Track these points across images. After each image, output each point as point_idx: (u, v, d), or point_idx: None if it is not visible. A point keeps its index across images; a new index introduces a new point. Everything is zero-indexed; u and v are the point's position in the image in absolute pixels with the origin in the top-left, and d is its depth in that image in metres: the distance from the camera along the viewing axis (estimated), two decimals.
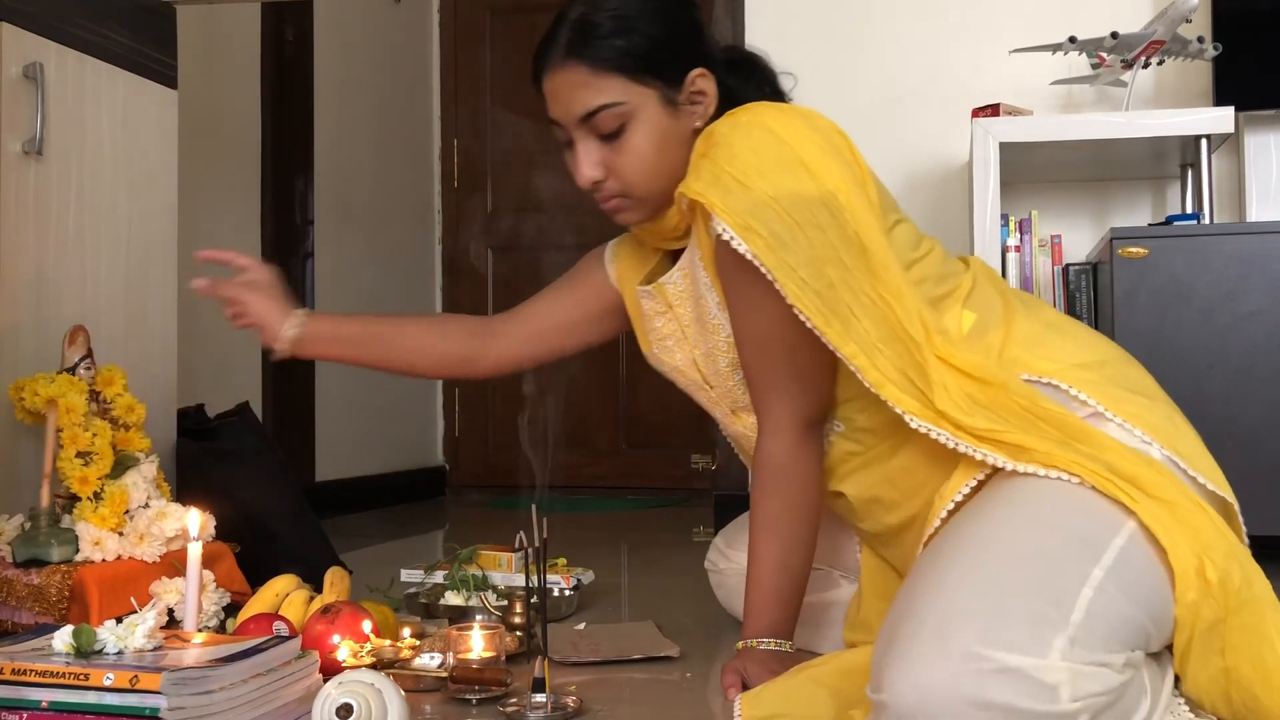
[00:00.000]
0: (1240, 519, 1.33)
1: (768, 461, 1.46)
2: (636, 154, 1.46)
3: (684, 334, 1.59)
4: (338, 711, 1.23)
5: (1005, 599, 1.10)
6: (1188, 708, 1.22)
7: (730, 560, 1.86)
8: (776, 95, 1.57)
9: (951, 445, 1.29)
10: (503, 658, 1.56)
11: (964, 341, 1.37)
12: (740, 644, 1.50)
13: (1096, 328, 2.59)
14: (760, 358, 1.43)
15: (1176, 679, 1.23)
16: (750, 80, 1.55)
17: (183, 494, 2.04)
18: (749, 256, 1.34)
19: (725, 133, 1.39)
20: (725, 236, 1.35)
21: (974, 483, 1.30)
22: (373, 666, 1.49)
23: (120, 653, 1.23)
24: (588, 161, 1.49)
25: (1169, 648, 1.23)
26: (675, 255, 1.60)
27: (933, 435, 1.31)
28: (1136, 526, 1.19)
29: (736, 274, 1.39)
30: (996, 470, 1.28)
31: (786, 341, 1.39)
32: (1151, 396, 1.37)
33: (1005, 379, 1.30)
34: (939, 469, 1.36)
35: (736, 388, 1.54)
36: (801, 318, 1.33)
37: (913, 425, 1.32)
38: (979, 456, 1.28)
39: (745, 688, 1.43)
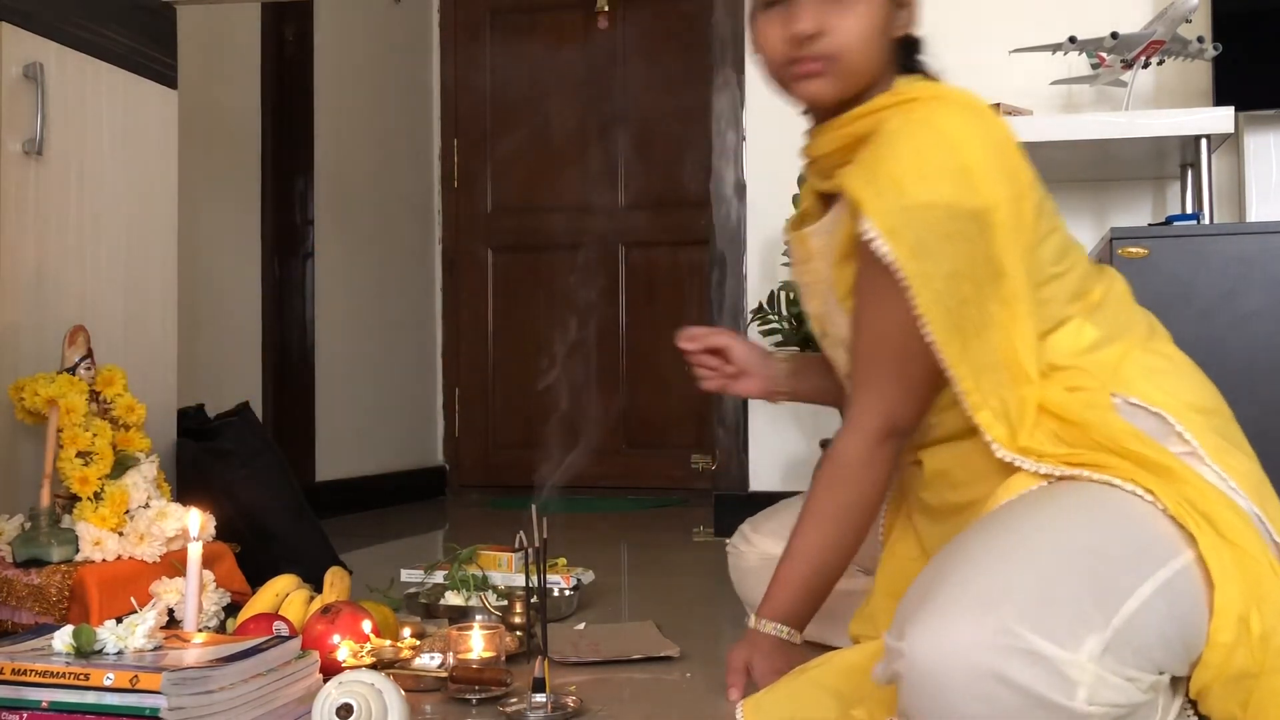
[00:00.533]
0: None
1: (839, 457, 1.44)
2: (860, 18, 1.41)
3: (815, 287, 1.57)
4: (338, 711, 1.23)
5: (1053, 586, 1.11)
6: None
7: (753, 545, 1.83)
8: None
9: (1032, 469, 1.30)
10: (503, 658, 1.56)
11: (1077, 356, 1.36)
12: (751, 621, 1.48)
13: None
14: (871, 352, 1.40)
15: (1193, 703, 1.23)
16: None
17: (183, 494, 2.04)
18: (889, 260, 1.31)
19: (895, 130, 1.35)
20: (869, 236, 1.32)
21: (1045, 483, 1.29)
22: (373, 666, 1.49)
23: (120, 653, 1.23)
24: (809, 12, 1.41)
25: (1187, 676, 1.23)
26: (828, 203, 1.55)
27: (1017, 464, 1.31)
28: (1195, 558, 1.18)
29: (872, 269, 1.35)
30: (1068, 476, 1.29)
31: (902, 347, 1.36)
32: (1250, 456, 1.36)
33: (1088, 419, 1.30)
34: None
35: (842, 356, 1.53)
36: (924, 330, 1.32)
37: (998, 455, 1.32)
38: (1059, 473, 1.28)
39: (750, 680, 1.43)
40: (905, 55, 1.50)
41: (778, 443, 3.17)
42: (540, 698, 1.41)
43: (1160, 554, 1.17)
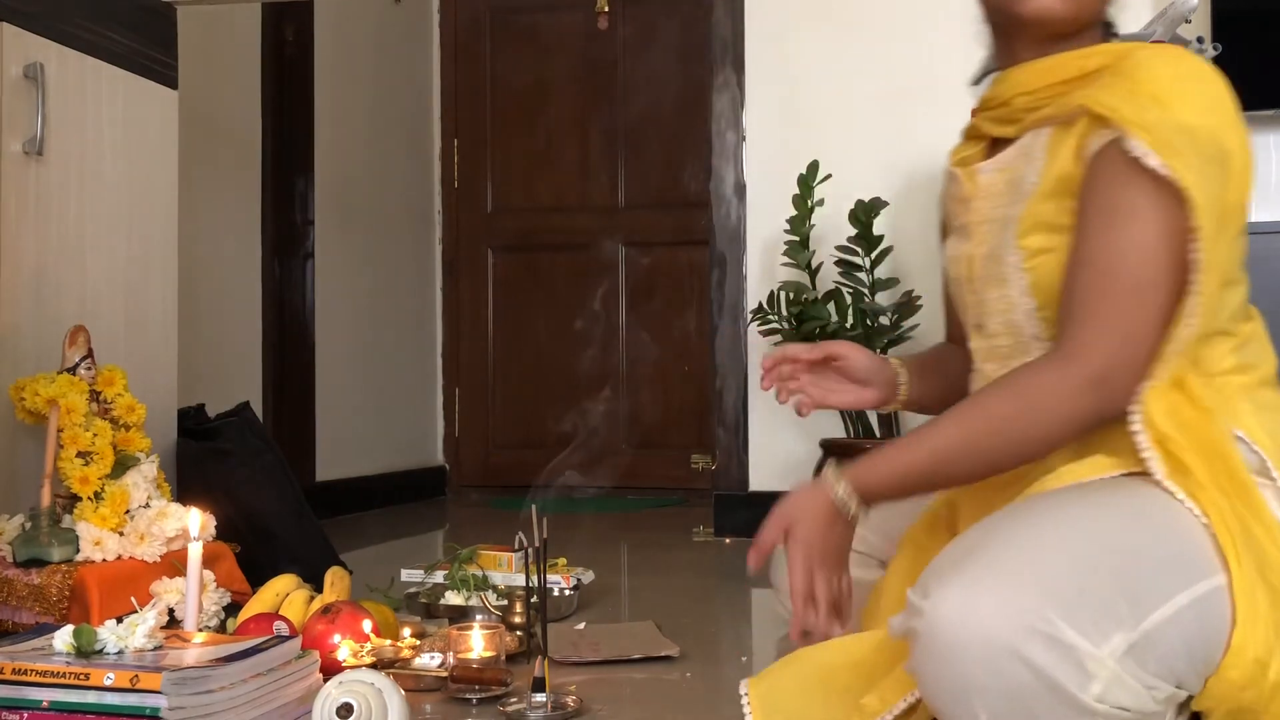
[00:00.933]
0: None
1: (1033, 379, 1.29)
2: None
3: (976, 228, 1.49)
4: (338, 711, 1.23)
5: (1091, 576, 1.10)
6: None
7: None
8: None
9: (1132, 428, 1.25)
10: (503, 657, 1.56)
11: (1213, 372, 1.32)
12: (829, 469, 1.41)
13: None
14: (1100, 282, 1.27)
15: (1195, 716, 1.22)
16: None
17: (183, 494, 2.04)
18: (1164, 172, 1.22)
19: (1146, 57, 1.31)
20: (1136, 152, 1.23)
21: (1109, 477, 1.26)
22: (373, 666, 1.49)
23: (121, 652, 1.23)
24: None
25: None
26: (994, 150, 1.50)
27: (1130, 418, 1.25)
28: (1225, 584, 1.16)
29: (1121, 192, 1.26)
30: (1133, 474, 1.26)
31: (1146, 273, 1.25)
32: None
33: (1213, 408, 1.26)
34: (1081, 442, 1.31)
35: (997, 301, 1.44)
36: (1193, 247, 1.24)
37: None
38: (1144, 454, 1.24)
39: (777, 550, 1.42)
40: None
41: (778, 443, 3.17)
42: (540, 697, 1.41)
43: (1201, 568, 1.16)
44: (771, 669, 1.36)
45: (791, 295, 2.91)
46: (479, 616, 1.88)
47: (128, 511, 1.84)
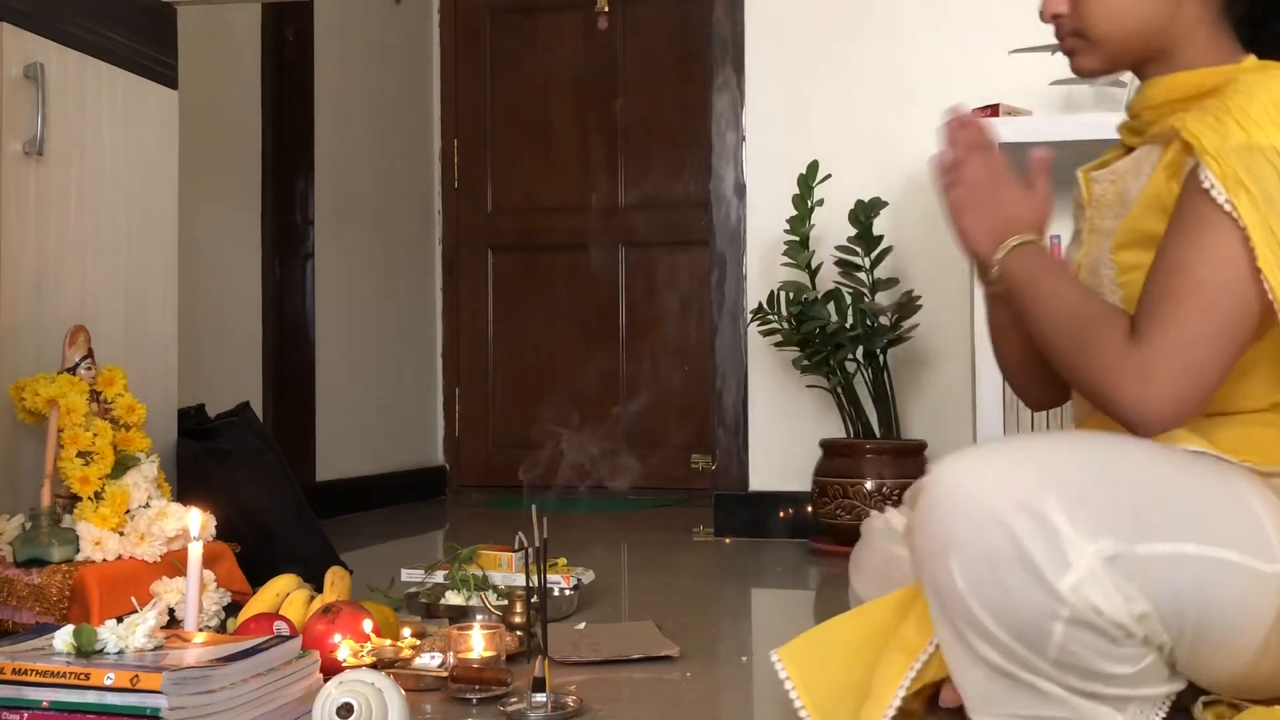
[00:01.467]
0: None
1: (1100, 351, 1.28)
2: None
3: (1085, 236, 1.50)
4: (338, 711, 1.23)
5: (1104, 485, 1.15)
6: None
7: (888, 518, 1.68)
8: None
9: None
10: (503, 657, 1.56)
11: None
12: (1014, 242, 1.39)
13: None
14: (1176, 297, 1.26)
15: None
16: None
17: (183, 494, 2.04)
18: (1227, 209, 1.24)
19: (1250, 80, 1.30)
20: (1205, 184, 1.25)
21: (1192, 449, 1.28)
22: (373, 666, 1.49)
23: (121, 652, 1.23)
24: None
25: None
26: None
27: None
28: (1264, 572, 1.17)
29: (1204, 212, 1.26)
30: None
31: (1221, 301, 1.25)
32: None
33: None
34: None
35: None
36: (1265, 286, 1.23)
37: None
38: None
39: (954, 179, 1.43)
40: (1260, 30, 1.42)
41: (778, 443, 3.17)
42: (540, 697, 1.41)
43: (1241, 540, 1.17)
44: (799, 639, 1.37)
45: (791, 295, 2.91)
46: (479, 616, 1.88)
47: (128, 511, 1.84)
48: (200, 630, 1.49)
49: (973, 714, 1.23)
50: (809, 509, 2.99)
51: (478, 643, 1.54)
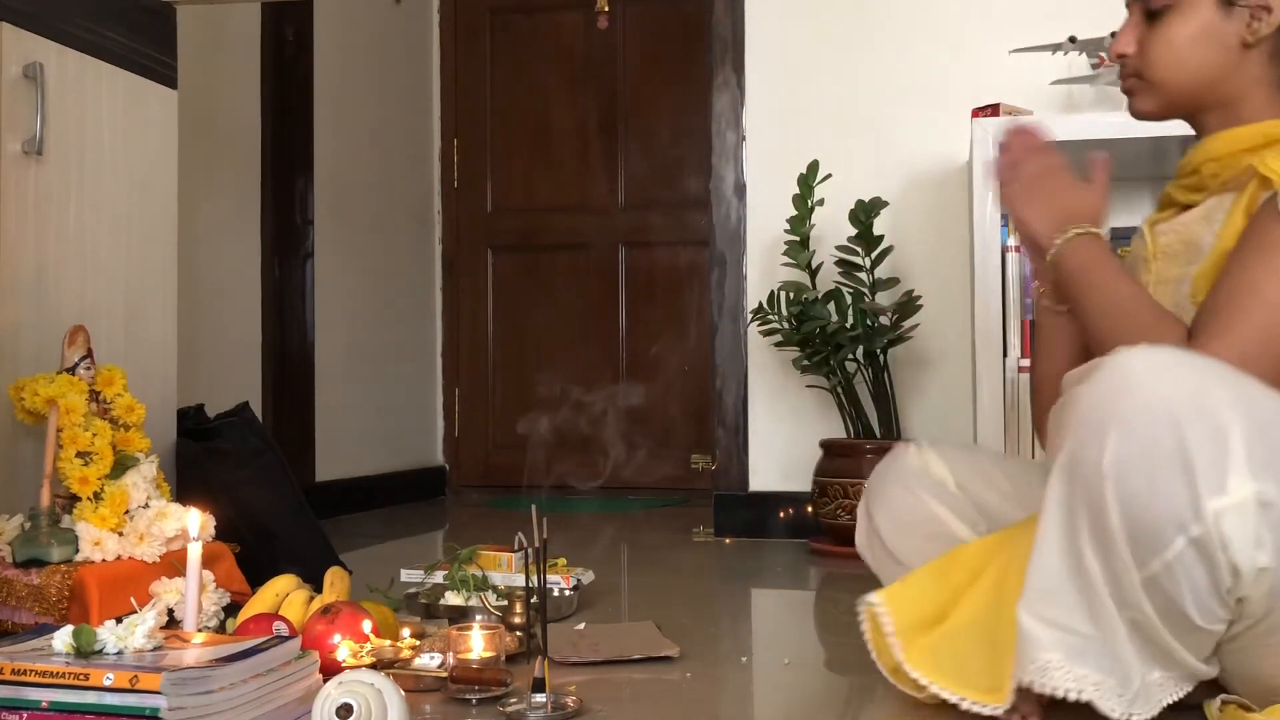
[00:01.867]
0: None
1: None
2: (1166, 40, 1.43)
3: (1151, 290, 1.50)
4: (338, 711, 1.23)
5: None
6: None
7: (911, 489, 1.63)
8: None
9: None
10: (503, 658, 1.56)
11: None
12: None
13: None
14: (1238, 312, 1.28)
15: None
16: None
17: (183, 494, 2.04)
18: None
19: None
20: None
21: None
22: (373, 666, 1.49)
23: (120, 653, 1.23)
24: (1124, 34, 1.47)
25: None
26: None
27: None
28: None
29: (1268, 235, 1.30)
30: None
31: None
32: None
33: None
34: None
35: None
36: None
37: None
38: None
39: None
40: None
41: (778, 443, 3.17)
42: (540, 698, 1.41)
43: None
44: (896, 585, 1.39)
45: (791, 295, 2.91)
46: (479, 617, 1.88)
47: (127, 512, 1.83)
48: (199, 630, 1.48)
49: (1021, 605, 1.20)
50: (809, 509, 2.99)
51: (477, 643, 1.54)
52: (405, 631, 1.65)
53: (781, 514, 3.12)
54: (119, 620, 1.26)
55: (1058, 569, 1.19)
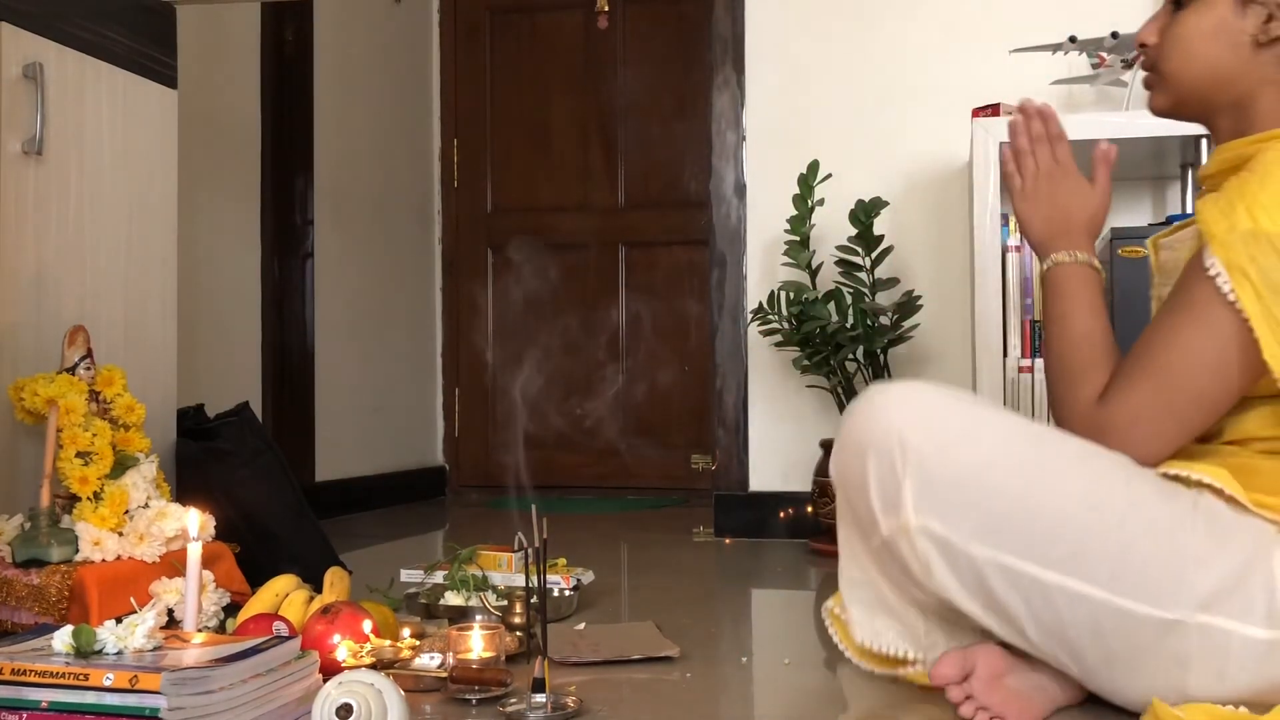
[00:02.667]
0: None
1: (1066, 401, 1.38)
2: (1180, 32, 1.42)
3: (1154, 303, 1.53)
4: (338, 711, 1.23)
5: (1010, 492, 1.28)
6: None
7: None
8: None
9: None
10: (503, 658, 1.56)
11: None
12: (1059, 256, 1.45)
13: None
14: (1170, 370, 1.29)
15: None
16: None
17: (182, 494, 2.04)
18: (1230, 298, 1.26)
19: (1270, 161, 1.30)
20: (1211, 272, 1.27)
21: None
22: (373, 666, 1.49)
23: (120, 653, 1.23)
24: (1150, 23, 1.46)
25: None
26: None
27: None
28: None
29: (1201, 294, 1.29)
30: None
31: (1203, 382, 1.29)
32: None
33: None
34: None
35: None
36: (1275, 378, 1.24)
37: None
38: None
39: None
40: None
41: (778, 443, 3.17)
42: (540, 698, 1.41)
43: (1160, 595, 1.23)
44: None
45: (792, 295, 2.91)
46: (479, 617, 1.88)
47: (127, 512, 1.83)
48: (199, 631, 1.48)
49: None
50: (809, 509, 2.99)
51: (477, 643, 1.54)
52: (405, 631, 1.65)
53: (781, 514, 3.11)
54: (119, 620, 1.26)
55: (844, 538, 1.45)
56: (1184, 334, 1.29)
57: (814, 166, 2.93)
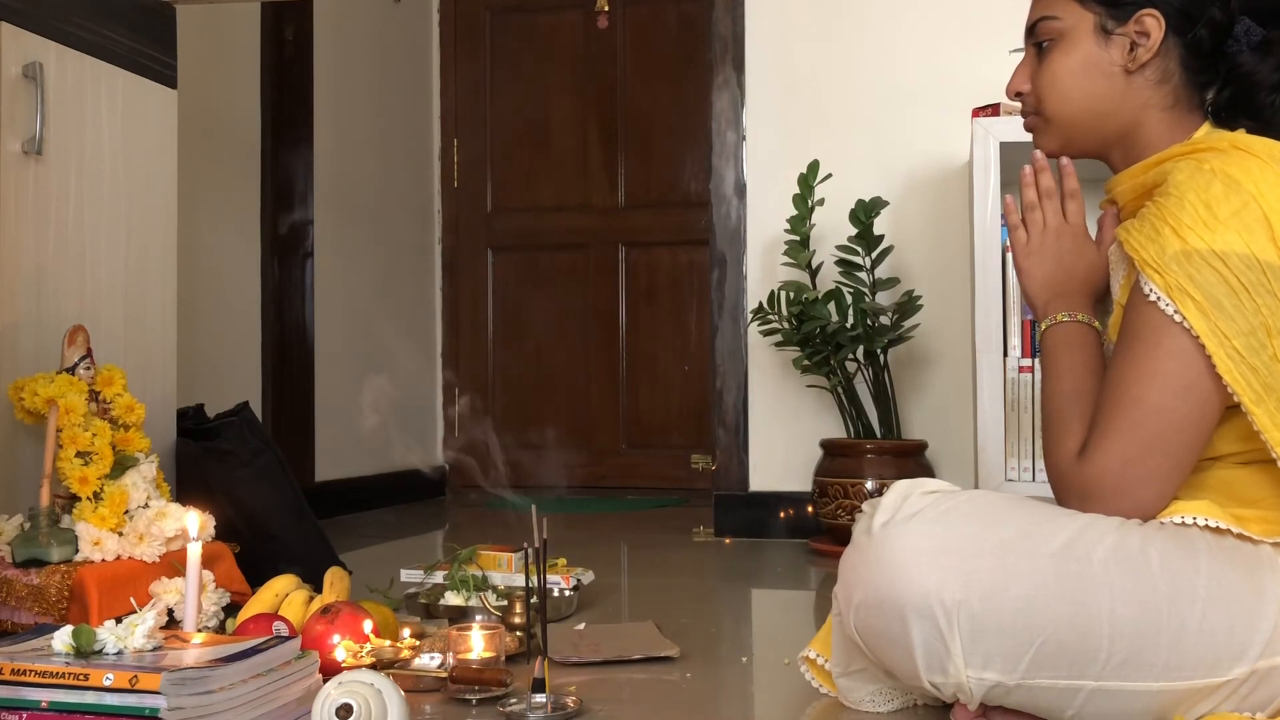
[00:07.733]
0: None
1: (1056, 453, 1.35)
2: (1051, 73, 1.42)
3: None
4: (338, 711, 1.23)
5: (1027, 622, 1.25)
6: None
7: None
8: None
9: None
10: (503, 658, 1.56)
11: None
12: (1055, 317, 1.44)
13: None
14: (1142, 403, 1.28)
15: None
16: (1267, 60, 1.39)
17: (182, 494, 2.04)
18: (1177, 319, 1.25)
19: (1182, 181, 1.29)
20: (1152, 298, 1.27)
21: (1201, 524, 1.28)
22: (372, 666, 1.49)
23: (120, 653, 1.23)
24: (1018, 72, 1.47)
25: None
26: None
27: None
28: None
29: (1152, 322, 1.28)
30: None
31: (1177, 406, 1.27)
32: None
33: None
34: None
35: None
36: (1230, 391, 1.24)
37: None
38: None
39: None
40: (1227, 105, 1.41)
41: (778, 443, 3.17)
42: (540, 698, 1.41)
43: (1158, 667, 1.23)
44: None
45: (792, 295, 2.91)
46: (479, 617, 1.88)
47: (127, 512, 1.83)
48: (199, 631, 1.48)
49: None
50: (809, 509, 2.99)
51: (477, 643, 1.54)
52: (405, 631, 1.65)
53: (781, 514, 3.11)
54: (119, 620, 1.26)
55: (847, 652, 1.44)
56: (1144, 364, 1.27)
57: (814, 166, 2.93)
